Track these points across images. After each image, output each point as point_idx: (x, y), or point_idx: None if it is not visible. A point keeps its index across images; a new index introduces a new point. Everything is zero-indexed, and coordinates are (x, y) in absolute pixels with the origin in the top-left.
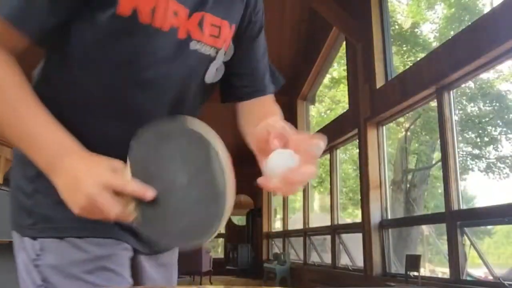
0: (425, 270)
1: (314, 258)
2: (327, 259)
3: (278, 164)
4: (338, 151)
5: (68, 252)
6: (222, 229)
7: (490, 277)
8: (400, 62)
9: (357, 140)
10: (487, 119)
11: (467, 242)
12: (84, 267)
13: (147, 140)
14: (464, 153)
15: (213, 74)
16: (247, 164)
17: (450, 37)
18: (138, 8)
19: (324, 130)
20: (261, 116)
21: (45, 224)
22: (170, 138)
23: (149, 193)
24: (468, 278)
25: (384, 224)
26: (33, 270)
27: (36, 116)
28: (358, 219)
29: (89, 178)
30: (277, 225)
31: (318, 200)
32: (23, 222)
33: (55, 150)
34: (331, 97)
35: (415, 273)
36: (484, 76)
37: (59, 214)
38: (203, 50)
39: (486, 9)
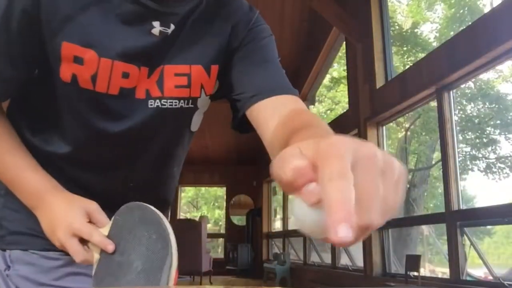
0: (425, 270)
1: (314, 258)
2: (327, 259)
3: (300, 219)
4: None
5: (36, 262)
6: (222, 229)
7: (490, 277)
8: (400, 62)
9: None
10: (486, 119)
11: (467, 242)
12: (54, 275)
13: (132, 214)
14: (464, 153)
15: (199, 120)
16: (247, 164)
17: (450, 37)
18: (76, 75)
19: None
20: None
21: (13, 237)
22: (147, 225)
23: (110, 246)
24: (468, 278)
25: (384, 224)
26: (6, 279)
27: (18, 164)
28: None
29: (61, 225)
30: (277, 225)
31: None
32: None
33: (36, 193)
34: (331, 97)
35: (415, 273)
36: (484, 76)
37: (25, 229)
38: (168, 105)
39: (486, 9)
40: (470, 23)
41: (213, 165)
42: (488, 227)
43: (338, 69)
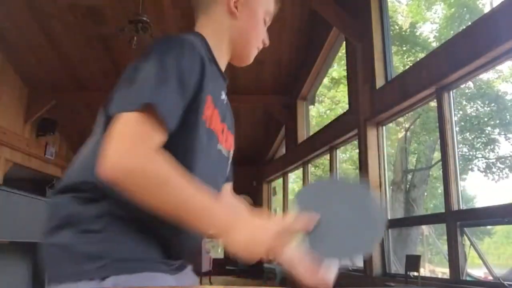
0: (425, 270)
1: None
2: None
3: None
4: (338, 151)
5: (145, 283)
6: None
7: (490, 277)
8: (400, 62)
9: (357, 140)
10: (486, 119)
11: (467, 242)
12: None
13: (319, 184)
14: (463, 153)
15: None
16: (247, 164)
17: (450, 37)
18: (207, 115)
19: (324, 130)
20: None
21: (118, 264)
22: (343, 186)
23: (312, 221)
24: (468, 279)
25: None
26: None
27: (202, 195)
28: None
29: (266, 233)
30: None
31: None
32: (88, 267)
33: (225, 225)
34: (331, 97)
35: (415, 273)
36: (484, 76)
37: (132, 256)
38: (223, 151)
39: (486, 9)
40: (469, 23)
41: None
42: (488, 227)
43: (338, 69)
